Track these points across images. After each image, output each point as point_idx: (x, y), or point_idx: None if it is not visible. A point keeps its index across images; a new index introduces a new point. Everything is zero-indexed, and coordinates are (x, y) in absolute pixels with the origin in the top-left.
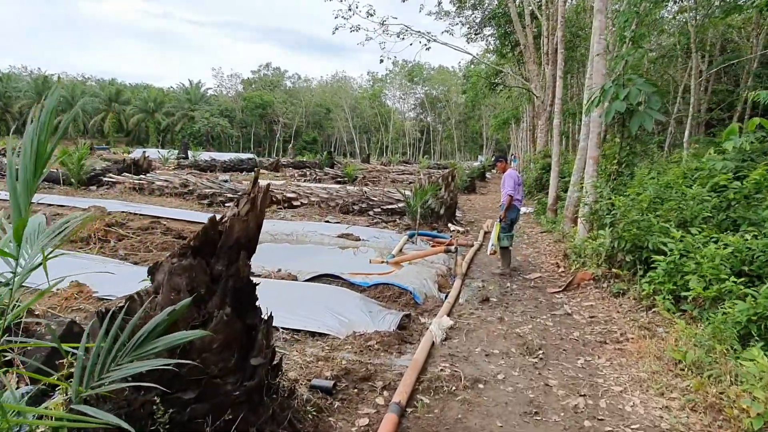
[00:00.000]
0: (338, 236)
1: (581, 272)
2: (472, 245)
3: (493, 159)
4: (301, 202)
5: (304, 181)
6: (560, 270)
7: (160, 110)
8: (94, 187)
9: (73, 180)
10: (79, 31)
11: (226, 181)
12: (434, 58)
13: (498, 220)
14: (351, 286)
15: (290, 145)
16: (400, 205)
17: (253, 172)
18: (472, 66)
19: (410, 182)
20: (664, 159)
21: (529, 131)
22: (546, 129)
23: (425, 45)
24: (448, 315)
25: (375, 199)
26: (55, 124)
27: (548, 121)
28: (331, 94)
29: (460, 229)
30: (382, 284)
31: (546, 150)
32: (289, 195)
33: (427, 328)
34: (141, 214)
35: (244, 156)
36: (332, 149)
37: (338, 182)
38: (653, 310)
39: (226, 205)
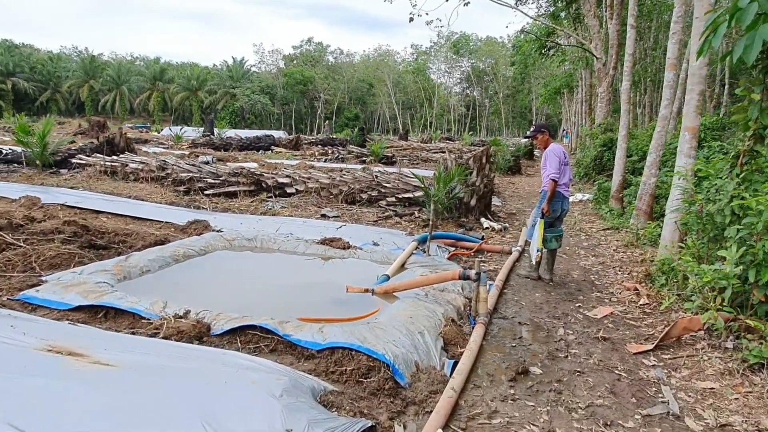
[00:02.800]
0: (320, 242)
1: (684, 317)
2: (509, 252)
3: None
4: (296, 189)
5: (325, 160)
6: (641, 301)
7: (203, 88)
8: (65, 171)
9: (37, 162)
10: (130, 13)
11: (207, 163)
12: (481, 28)
13: (540, 215)
14: (290, 348)
15: (326, 122)
16: (420, 193)
17: (270, 151)
18: (522, 35)
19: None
20: None
21: (584, 102)
22: (607, 97)
23: (463, 0)
24: (447, 422)
25: (388, 185)
26: None
27: (610, 88)
28: (374, 68)
29: (496, 225)
30: (341, 348)
31: (607, 123)
32: (281, 180)
33: None
34: (79, 208)
35: (265, 133)
36: (375, 126)
37: (363, 162)
38: None
39: (206, 193)
